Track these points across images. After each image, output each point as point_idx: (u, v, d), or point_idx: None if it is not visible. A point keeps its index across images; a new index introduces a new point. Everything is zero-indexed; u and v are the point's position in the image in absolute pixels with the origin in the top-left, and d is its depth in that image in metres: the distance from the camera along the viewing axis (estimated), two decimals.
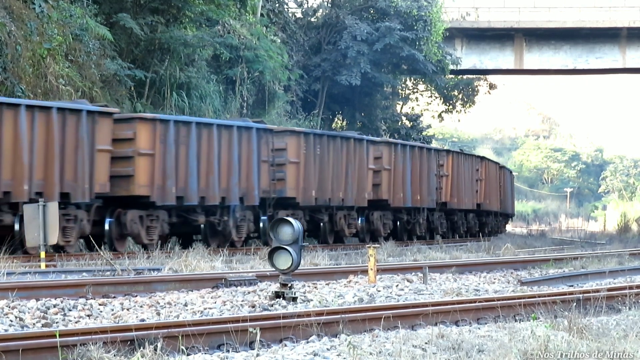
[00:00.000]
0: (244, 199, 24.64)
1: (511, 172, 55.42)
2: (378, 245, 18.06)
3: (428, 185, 34.05)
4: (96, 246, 19.28)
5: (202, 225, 24.19)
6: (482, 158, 42.94)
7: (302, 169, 26.77)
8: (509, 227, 57.65)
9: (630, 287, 13.44)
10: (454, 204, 36.88)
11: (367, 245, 16.39)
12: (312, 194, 27.12)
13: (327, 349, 8.74)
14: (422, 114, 60.41)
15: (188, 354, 8.38)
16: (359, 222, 30.63)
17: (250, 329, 8.59)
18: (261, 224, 26.02)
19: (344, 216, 29.51)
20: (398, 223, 33.50)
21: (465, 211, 39.45)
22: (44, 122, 19.74)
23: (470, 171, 38.92)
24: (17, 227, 19.22)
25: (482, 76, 62.06)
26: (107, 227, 21.60)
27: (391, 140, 34.63)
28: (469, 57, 55.70)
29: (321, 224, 29.02)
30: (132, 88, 30.86)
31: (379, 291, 14.10)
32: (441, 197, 35.58)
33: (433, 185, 34.41)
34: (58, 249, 19.89)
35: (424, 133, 57.83)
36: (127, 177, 21.81)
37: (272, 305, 11.85)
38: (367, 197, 30.16)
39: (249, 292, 13.23)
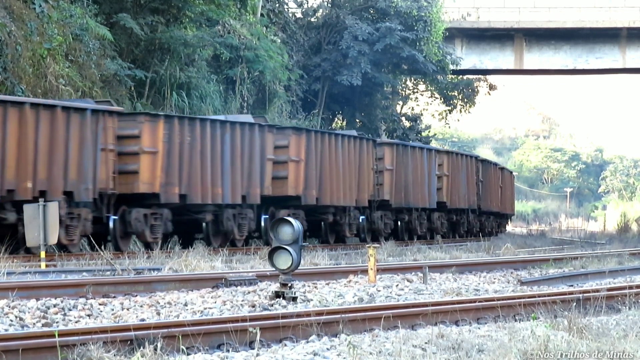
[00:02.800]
0: (247, 197, 24.76)
1: (511, 172, 55.37)
2: (378, 245, 18.06)
3: (429, 186, 34.12)
4: (96, 246, 19.29)
5: (204, 224, 24.26)
6: (483, 160, 42.80)
7: (302, 167, 26.78)
8: (509, 227, 57.57)
9: (630, 287, 13.43)
10: (454, 204, 36.97)
11: (367, 245, 16.38)
12: (313, 193, 27.18)
13: (327, 349, 8.74)
14: (421, 114, 60.41)
15: (188, 354, 8.37)
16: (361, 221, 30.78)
17: (250, 329, 8.58)
18: (262, 223, 26.12)
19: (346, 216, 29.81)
20: (399, 223, 33.66)
21: (466, 211, 39.47)
22: (48, 120, 19.76)
23: (470, 172, 38.91)
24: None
25: (482, 76, 62.04)
26: (111, 225, 21.65)
27: (394, 140, 34.90)
28: (469, 57, 55.69)
29: (322, 223, 29.22)
30: (132, 88, 30.87)
31: (379, 291, 14.11)
32: (442, 197, 35.71)
33: (434, 186, 34.64)
34: (61, 247, 19.90)
35: (423, 134, 57.81)
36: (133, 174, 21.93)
37: (272, 305, 11.85)
38: (369, 197, 30.39)
39: (249, 292, 13.23)
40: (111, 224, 21.63)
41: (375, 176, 30.73)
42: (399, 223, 33.57)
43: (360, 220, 30.60)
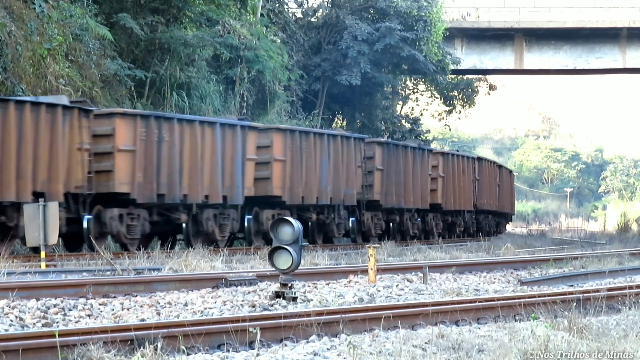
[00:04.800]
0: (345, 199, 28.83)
1: (475, 158, 54.98)
2: (378, 245, 18.06)
3: (230, 175, 26.92)
4: (97, 246, 19.28)
5: (309, 223, 27.73)
6: (383, 142, 37.77)
7: (385, 174, 30.43)
8: (509, 227, 57.56)
9: (630, 287, 13.43)
10: (484, 206, 38.84)
11: (367, 245, 16.38)
12: (393, 198, 30.86)
13: (327, 349, 8.74)
14: (422, 114, 60.38)
15: (188, 354, 8.38)
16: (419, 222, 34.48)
17: (250, 329, 8.59)
18: (350, 224, 30.07)
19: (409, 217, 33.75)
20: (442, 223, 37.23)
21: (335, 207, 33.79)
22: (210, 135, 23.46)
23: (349, 159, 31.35)
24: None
25: (482, 76, 62.03)
26: (246, 223, 25.40)
27: (140, 111, 25.08)
28: (469, 57, 55.69)
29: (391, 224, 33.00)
30: (132, 88, 30.87)
31: (379, 291, 14.11)
32: (270, 191, 28.19)
33: (470, 190, 37.21)
34: (216, 244, 23.40)
35: (423, 137, 57.78)
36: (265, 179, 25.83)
37: (272, 305, 11.85)
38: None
39: (249, 292, 13.24)
40: (246, 223, 25.35)
41: (89, 160, 20.80)
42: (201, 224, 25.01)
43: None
